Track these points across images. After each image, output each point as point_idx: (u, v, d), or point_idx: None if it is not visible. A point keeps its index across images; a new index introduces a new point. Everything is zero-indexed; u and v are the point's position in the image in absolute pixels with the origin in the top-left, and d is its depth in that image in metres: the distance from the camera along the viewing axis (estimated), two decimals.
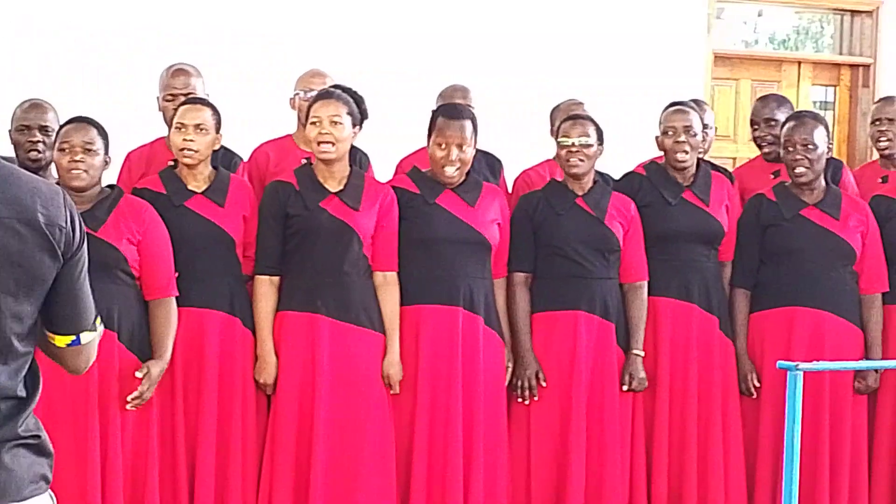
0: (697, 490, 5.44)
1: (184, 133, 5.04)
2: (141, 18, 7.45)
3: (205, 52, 6.91)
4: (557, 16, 8.37)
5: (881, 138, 6.12)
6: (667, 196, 5.52)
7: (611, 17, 8.48)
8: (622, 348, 5.38)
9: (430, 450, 5.14)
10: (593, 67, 8.24)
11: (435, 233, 5.20)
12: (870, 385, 5.55)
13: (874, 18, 9.22)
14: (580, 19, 8.40)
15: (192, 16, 7.56)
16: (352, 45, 7.77)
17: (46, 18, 7.28)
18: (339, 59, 7.15)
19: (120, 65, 7.16)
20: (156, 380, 4.83)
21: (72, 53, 5.77)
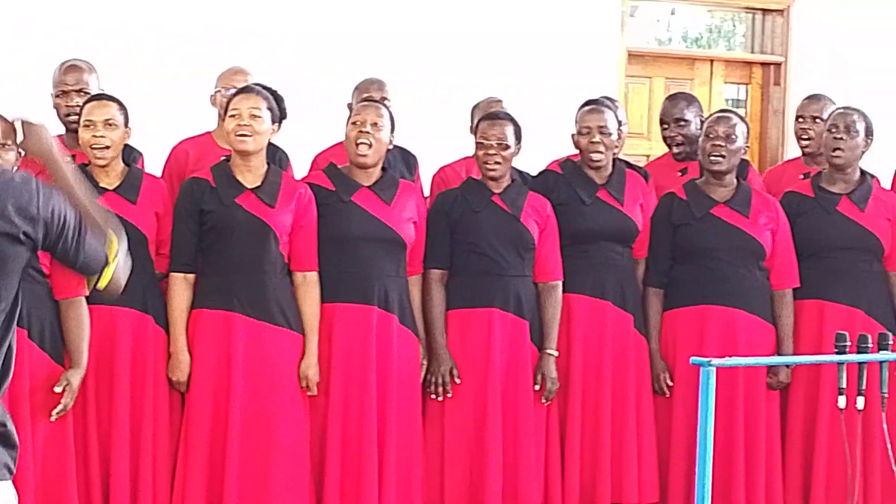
0: (611, 487, 5.47)
1: (93, 130, 4.99)
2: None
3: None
4: (474, 13, 8.39)
5: (803, 135, 6.19)
6: (582, 195, 5.55)
7: (525, 15, 8.51)
8: (536, 346, 5.40)
9: (344, 449, 5.13)
10: (509, 65, 8.27)
11: (350, 231, 5.19)
12: (781, 380, 5.61)
13: (785, 17, 9.32)
14: (496, 17, 8.42)
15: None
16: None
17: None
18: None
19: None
20: (76, 389, 4.80)
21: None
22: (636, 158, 7.95)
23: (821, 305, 5.63)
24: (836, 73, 9.02)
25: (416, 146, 6.16)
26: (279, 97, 5.17)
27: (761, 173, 6.72)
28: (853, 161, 5.68)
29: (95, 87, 5.45)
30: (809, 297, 5.64)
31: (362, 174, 5.26)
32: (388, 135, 5.25)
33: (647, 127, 9.13)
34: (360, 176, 5.26)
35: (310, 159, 5.95)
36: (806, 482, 5.61)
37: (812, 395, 5.61)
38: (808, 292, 5.65)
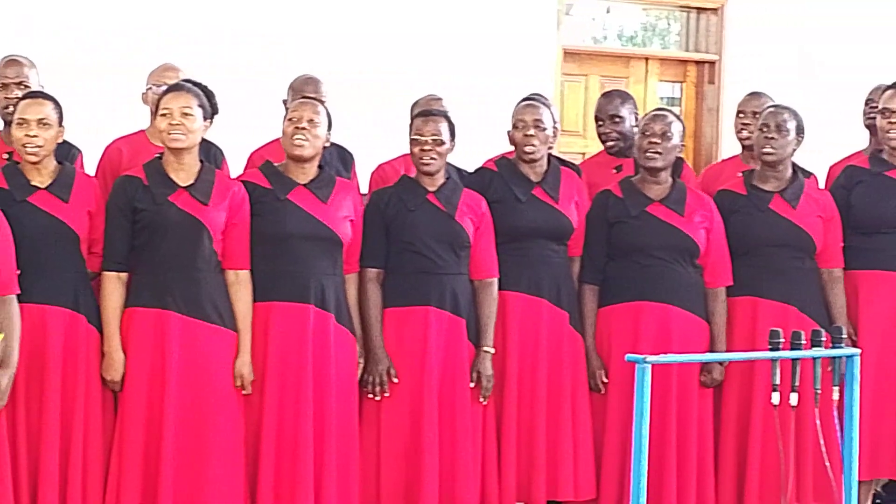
0: (546, 484, 5.48)
1: (26, 128, 4.95)
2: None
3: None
4: (412, 11, 8.39)
5: (743, 130, 6.23)
6: (517, 192, 5.56)
7: (462, 13, 8.52)
8: (473, 344, 5.41)
9: (279, 448, 5.11)
10: (446, 63, 8.28)
11: (286, 229, 5.17)
12: (715, 378, 5.64)
13: (720, 16, 9.39)
14: (434, 15, 8.43)
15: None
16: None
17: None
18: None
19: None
20: (6, 389, 4.75)
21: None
22: (572, 156, 7.99)
23: (754, 302, 5.67)
24: (769, 71, 9.09)
25: (356, 144, 6.16)
26: (210, 93, 5.15)
27: (696, 171, 6.76)
28: (784, 159, 5.72)
29: (35, 84, 5.43)
30: (743, 295, 5.68)
31: (299, 172, 5.24)
32: (324, 131, 5.24)
33: (582, 125, 9.17)
34: (296, 174, 5.25)
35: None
36: (740, 478, 5.65)
37: (746, 391, 5.65)
38: (741, 289, 5.68)
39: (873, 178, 5.85)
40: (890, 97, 5.78)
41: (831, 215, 5.76)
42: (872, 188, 5.84)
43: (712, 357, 5.58)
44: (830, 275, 5.76)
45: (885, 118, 5.78)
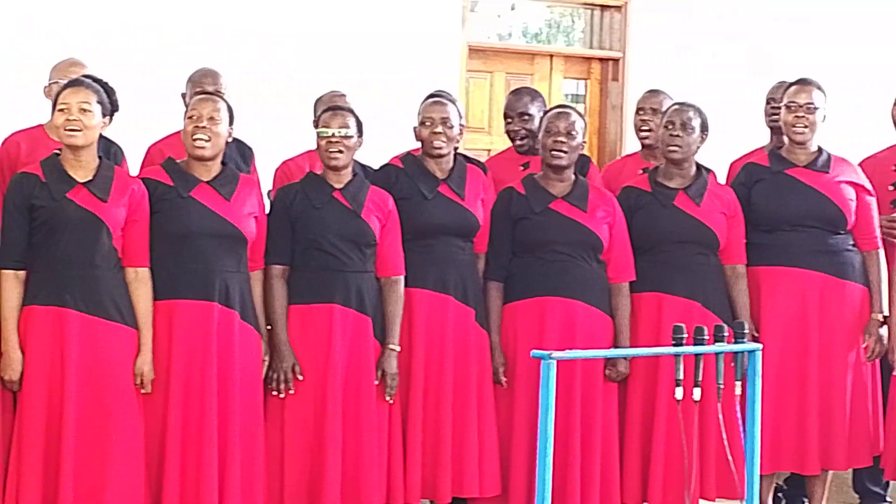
0: (452, 480, 5.48)
1: None
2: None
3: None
4: (317, 7, 8.35)
5: (643, 127, 6.27)
6: (423, 189, 5.56)
7: (367, 9, 8.50)
8: (379, 341, 5.39)
9: (184, 447, 5.06)
10: (351, 59, 8.25)
11: (189, 227, 5.13)
12: (620, 372, 5.68)
13: (623, 13, 9.43)
14: (338, 11, 8.40)
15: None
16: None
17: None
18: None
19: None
20: None
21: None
22: (477, 153, 8.00)
23: (658, 298, 5.71)
24: (673, 68, 9.16)
25: (258, 140, 6.12)
26: (110, 90, 5.09)
27: (599, 168, 6.79)
28: (689, 156, 5.77)
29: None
30: (648, 290, 5.72)
31: (201, 169, 5.20)
32: (226, 128, 5.20)
33: (487, 121, 9.18)
34: (199, 171, 5.20)
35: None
36: (644, 472, 5.68)
37: (650, 386, 5.69)
38: (646, 285, 5.72)
39: (773, 175, 5.90)
40: (795, 92, 5.84)
41: (734, 212, 5.81)
42: (772, 186, 5.89)
43: (617, 352, 5.62)
44: (734, 271, 5.81)
45: (791, 112, 5.83)
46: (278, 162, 6.21)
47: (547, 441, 4.46)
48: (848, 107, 8.24)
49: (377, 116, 6.29)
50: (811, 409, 5.79)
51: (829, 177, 5.86)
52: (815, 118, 5.80)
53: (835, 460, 5.87)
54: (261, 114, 7.32)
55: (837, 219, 5.84)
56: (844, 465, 5.95)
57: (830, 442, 5.83)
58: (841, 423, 5.83)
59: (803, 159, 5.89)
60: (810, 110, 5.79)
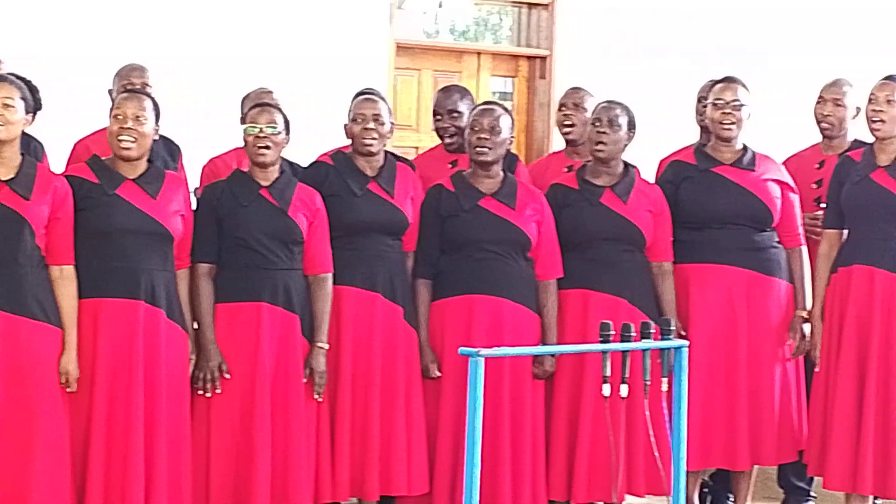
0: (380, 478, 5.48)
1: None
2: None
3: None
4: (244, 4, 8.32)
5: (565, 122, 6.29)
6: (353, 187, 5.55)
7: (295, 6, 8.47)
8: (307, 339, 5.38)
9: (109, 447, 5.02)
10: (278, 56, 8.21)
11: (114, 224, 5.09)
12: (546, 370, 5.70)
13: (550, 11, 9.46)
14: (267, 6, 8.36)
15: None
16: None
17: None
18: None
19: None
20: None
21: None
22: (405, 150, 7.99)
23: (585, 295, 5.73)
24: (600, 66, 9.20)
25: (185, 138, 6.09)
26: (34, 87, 5.04)
27: (527, 165, 6.81)
28: (616, 154, 5.80)
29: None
30: (574, 287, 5.74)
31: (127, 167, 5.16)
32: (152, 126, 5.16)
33: (415, 119, 9.18)
34: (124, 168, 5.17)
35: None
36: (570, 469, 5.70)
37: (577, 383, 5.71)
38: (573, 282, 5.74)
39: (700, 173, 5.94)
40: (721, 90, 5.88)
41: (661, 210, 5.84)
42: (699, 184, 5.92)
43: (545, 350, 5.63)
44: (660, 268, 5.85)
45: (718, 109, 5.87)
46: (206, 160, 6.18)
47: (475, 438, 4.46)
48: (776, 102, 8.33)
49: (306, 114, 6.28)
50: (740, 405, 5.84)
51: (754, 174, 5.91)
52: (741, 115, 5.85)
53: (764, 456, 5.93)
54: (189, 111, 7.28)
55: (763, 216, 5.89)
56: (773, 460, 6.00)
57: (759, 438, 5.88)
58: (769, 418, 5.89)
59: (729, 157, 5.94)
60: (736, 107, 5.84)
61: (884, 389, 5.56)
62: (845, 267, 5.70)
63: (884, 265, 5.61)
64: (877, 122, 5.63)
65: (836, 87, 6.27)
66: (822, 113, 6.28)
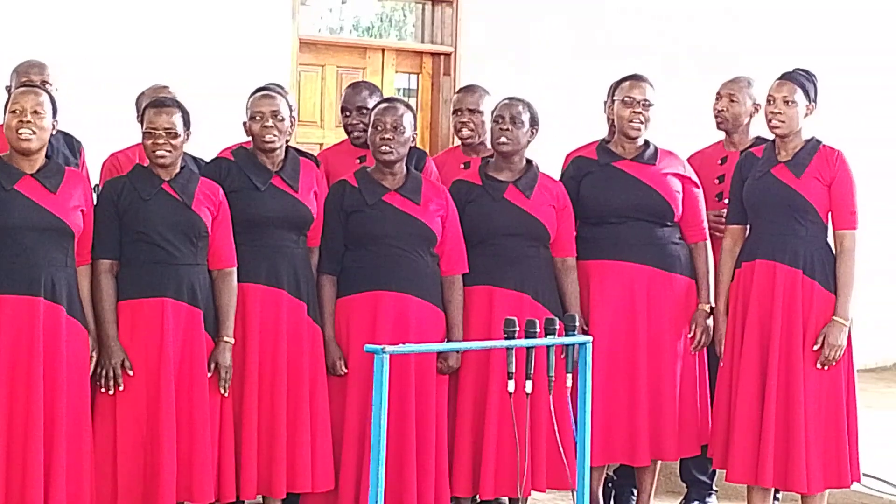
0: (287, 474, 5.45)
1: None
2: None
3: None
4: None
5: (462, 128, 6.30)
6: (255, 181, 5.52)
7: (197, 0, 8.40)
8: (210, 335, 5.34)
9: (9, 446, 4.96)
10: (180, 52, 8.15)
11: (13, 220, 5.03)
12: (451, 365, 5.70)
13: (454, 7, 9.48)
14: (169, 2, 8.29)
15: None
16: None
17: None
18: None
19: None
20: None
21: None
22: (309, 146, 7.97)
23: (490, 291, 5.75)
24: (503, 62, 9.23)
25: (86, 133, 6.02)
26: None
27: None
28: (519, 150, 5.81)
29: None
30: (479, 283, 5.75)
31: (25, 162, 5.10)
32: (50, 120, 5.10)
33: (319, 115, 9.16)
34: (22, 164, 5.10)
35: None
36: (476, 465, 5.71)
37: (482, 379, 5.72)
38: (477, 278, 5.76)
39: (600, 168, 5.97)
40: (630, 88, 5.91)
41: (564, 205, 5.87)
42: (600, 179, 5.96)
43: (450, 346, 5.64)
44: (564, 264, 5.87)
45: (628, 107, 5.90)
46: (108, 154, 6.11)
47: (380, 435, 4.46)
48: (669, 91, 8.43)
49: (207, 110, 6.22)
50: (641, 400, 5.88)
51: (655, 169, 5.95)
52: (649, 114, 5.89)
53: (665, 451, 5.97)
54: (90, 107, 7.19)
55: (664, 211, 5.93)
56: (674, 455, 6.05)
57: (660, 433, 5.92)
58: (670, 413, 5.93)
59: (630, 152, 5.97)
60: (646, 106, 5.88)
61: (785, 383, 5.63)
62: (748, 262, 5.76)
63: (785, 260, 5.67)
64: (776, 122, 5.69)
65: (733, 83, 6.34)
66: (717, 108, 6.35)
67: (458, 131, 6.33)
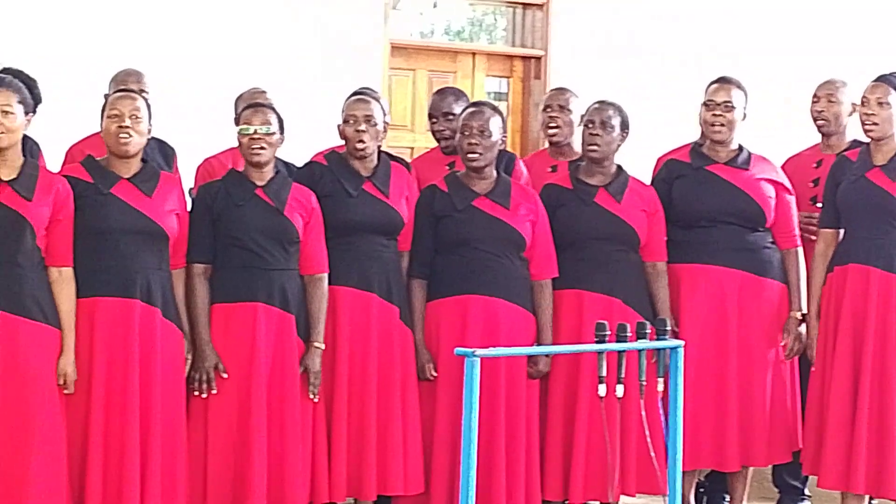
0: (377, 477, 5.48)
1: None
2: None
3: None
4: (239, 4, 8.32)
5: (550, 125, 6.30)
6: (348, 187, 5.55)
7: (291, 5, 8.46)
8: (303, 339, 5.38)
9: (106, 447, 5.02)
10: (274, 57, 8.21)
11: (110, 223, 5.09)
12: (541, 370, 5.70)
13: (545, 11, 9.47)
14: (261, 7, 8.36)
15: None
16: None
17: None
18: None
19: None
20: None
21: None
22: (400, 150, 8.01)
23: (579, 295, 5.73)
24: (595, 66, 9.21)
25: (179, 140, 6.09)
26: (31, 83, 5.03)
27: None
28: (609, 154, 5.80)
29: None
30: (569, 287, 5.74)
31: (122, 166, 5.16)
32: (146, 125, 5.17)
33: (410, 119, 9.19)
34: (119, 168, 5.17)
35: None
36: (566, 469, 5.70)
37: (572, 383, 5.71)
38: (567, 282, 5.74)
39: (693, 172, 5.95)
40: (714, 91, 5.88)
41: (655, 209, 5.85)
42: (692, 182, 5.93)
43: (541, 350, 5.63)
44: (654, 268, 5.85)
45: (710, 110, 5.88)
46: (200, 161, 6.17)
47: (471, 438, 4.47)
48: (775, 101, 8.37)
49: (301, 114, 6.28)
50: (731, 406, 5.84)
51: (748, 174, 5.92)
52: (732, 116, 5.85)
53: (755, 457, 5.93)
54: (183, 113, 7.27)
55: (756, 215, 5.90)
56: (764, 461, 6.01)
57: (750, 439, 5.88)
58: (761, 419, 5.89)
59: (723, 156, 5.94)
60: (728, 108, 5.84)
61: (878, 388, 5.58)
62: (841, 266, 5.71)
63: (879, 264, 5.62)
64: (869, 124, 5.64)
65: (830, 84, 6.30)
66: (817, 110, 6.30)
67: (546, 128, 6.33)
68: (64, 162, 5.78)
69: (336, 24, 8.53)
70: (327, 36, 8.49)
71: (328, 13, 8.52)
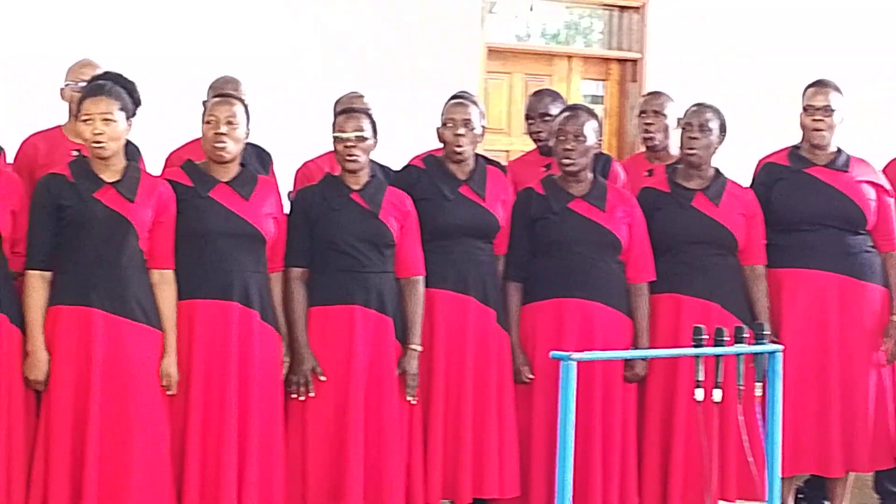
0: (472, 481, 5.49)
1: None
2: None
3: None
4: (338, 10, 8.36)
5: (647, 129, 6.28)
6: (444, 190, 5.56)
7: (387, 10, 8.50)
8: (400, 342, 5.40)
9: (204, 448, 5.07)
10: (371, 61, 8.25)
11: (208, 226, 5.15)
12: (637, 373, 5.68)
13: (642, 14, 9.45)
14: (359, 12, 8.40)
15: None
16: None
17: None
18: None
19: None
20: None
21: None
22: (496, 153, 8.01)
23: (677, 299, 5.70)
24: (691, 69, 9.16)
25: (276, 144, 6.13)
26: (131, 87, 5.08)
27: None
28: (707, 158, 5.77)
29: None
30: (666, 291, 5.71)
31: (220, 170, 5.22)
32: (244, 130, 5.22)
33: (506, 122, 9.20)
34: (217, 172, 5.22)
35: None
36: (663, 474, 5.68)
37: (669, 387, 5.68)
38: (664, 286, 5.72)
39: (792, 175, 5.90)
40: (812, 94, 5.84)
41: (753, 213, 5.81)
42: (791, 185, 5.89)
43: (636, 354, 5.61)
44: (753, 272, 5.81)
45: (809, 115, 5.83)
46: (297, 167, 6.22)
47: (567, 442, 4.47)
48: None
49: (398, 117, 6.31)
50: (833, 411, 5.79)
51: (848, 176, 5.86)
52: (832, 120, 5.81)
53: (858, 462, 5.87)
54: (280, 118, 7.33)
55: (857, 218, 5.84)
56: (868, 467, 5.95)
57: (853, 444, 5.82)
58: (864, 424, 5.83)
59: (823, 159, 5.89)
60: (828, 112, 5.79)
61: None
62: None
63: None
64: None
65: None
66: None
67: (644, 132, 6.31)
68: (164, 167, 5.85)
69: (434, 27, 8.56)
70: (425, 40, 8.51)
71: (426, 17, 8.55)
